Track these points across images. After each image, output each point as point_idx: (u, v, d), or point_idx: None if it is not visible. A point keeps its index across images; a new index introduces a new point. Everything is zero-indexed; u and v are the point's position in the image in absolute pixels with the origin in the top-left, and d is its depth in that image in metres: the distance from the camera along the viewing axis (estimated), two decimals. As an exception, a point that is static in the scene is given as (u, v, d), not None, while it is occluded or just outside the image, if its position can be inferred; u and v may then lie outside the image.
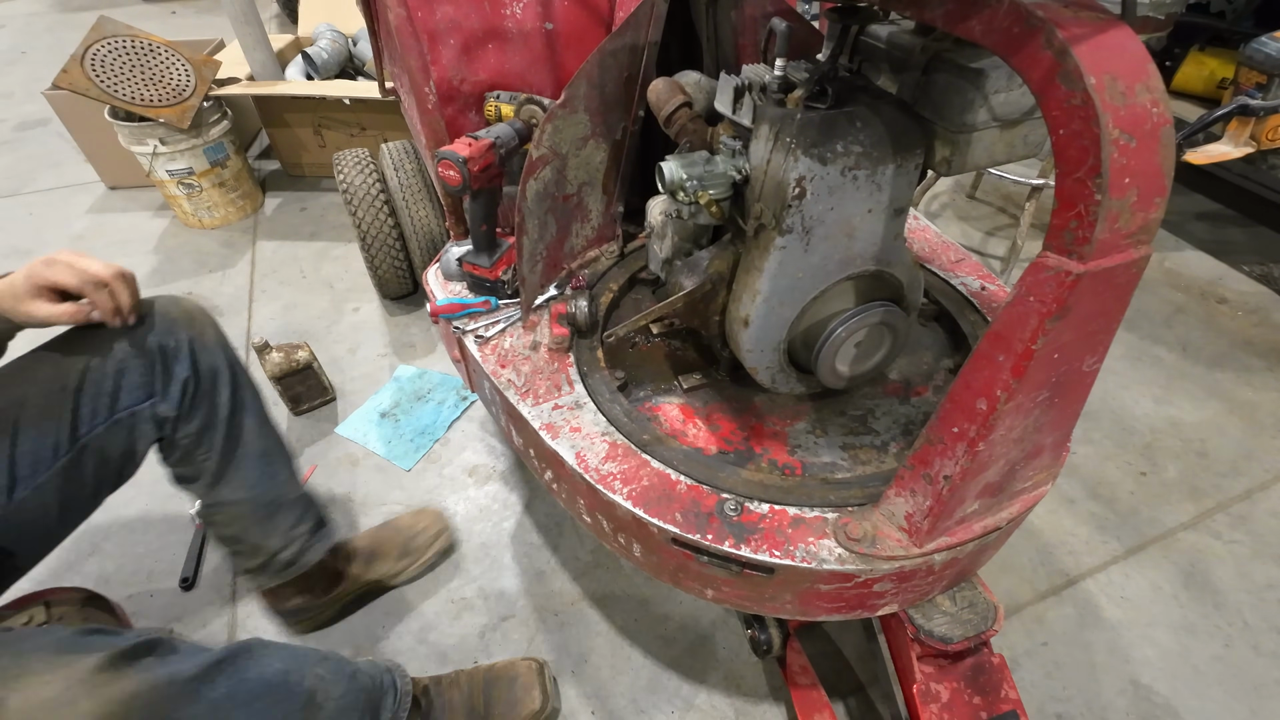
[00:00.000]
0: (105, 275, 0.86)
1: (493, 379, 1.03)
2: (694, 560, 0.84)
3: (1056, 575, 1.40)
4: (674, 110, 0.94)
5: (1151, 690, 1.23)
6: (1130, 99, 0.52)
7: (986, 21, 0.56)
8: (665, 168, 0.82)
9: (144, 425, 0.98)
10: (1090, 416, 1.73)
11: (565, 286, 1.19)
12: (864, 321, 0.85)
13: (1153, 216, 0.56)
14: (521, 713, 1.12)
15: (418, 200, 1.82)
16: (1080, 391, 0.71)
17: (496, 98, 1.29)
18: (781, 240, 0.79)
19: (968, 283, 1.18)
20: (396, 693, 1.03)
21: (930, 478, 0.73)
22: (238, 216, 2.54)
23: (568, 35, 1.33)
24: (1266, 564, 1.42)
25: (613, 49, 1.00)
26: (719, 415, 1.00)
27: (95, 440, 0.94)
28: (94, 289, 0.86)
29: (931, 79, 0.77)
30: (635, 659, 1.27)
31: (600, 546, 1.43)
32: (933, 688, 0.90)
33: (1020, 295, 0.60)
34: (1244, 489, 1.57)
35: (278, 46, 2.63)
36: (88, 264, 0.85)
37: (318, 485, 1.59)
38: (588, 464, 0.89)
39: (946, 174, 0.81)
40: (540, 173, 1.01)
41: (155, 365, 0.97)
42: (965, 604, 0.89)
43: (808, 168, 0.74)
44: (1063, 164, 0.54)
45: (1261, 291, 2.17)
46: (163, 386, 0.98)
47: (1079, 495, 1.55)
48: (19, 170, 2.96)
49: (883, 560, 0.78)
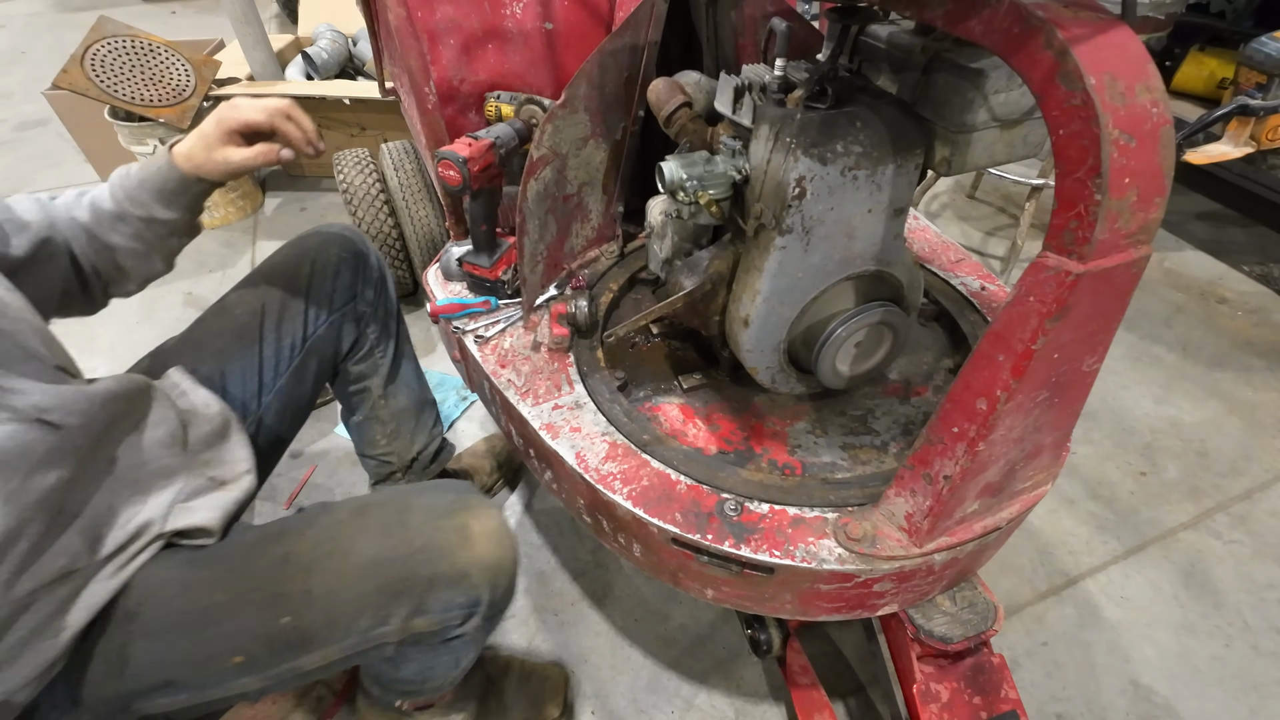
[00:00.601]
0: (285, 106, 0.87)
1: (492, 379, 1.03)
2: (694, 560, 0.84)
3: (1056, 575, 1.40)
4: (674, 110, 0.94)
5: (1151, 690, 1.23)
6: (1130, 99, 0.52)
7: (986, 21, 0.56)
8: (665, 168, 0.82)
9: (349, 323, 1.08)
10: (1090, 416, 1.73)
11: (565, 286, 1.19)
12: (864, 321, 0.85)
13: (1153, 216, 0.56)
14: (540, 716, 1.14)
15: (418, 200, 1.82)
16: (1080, 391, 0.71)
17: (496, 98, 1.29)
18: (781, 240, 0.79)
19: (968, 283, 1.18)
20: None
21: (930, 478, 0.73)
22: (237, 216, 2.54)
23: (568, 35, 1.33)
24: (1266, 564, 1.42)
25: (613, 49, 1.00)
26: (719, 415, 1.00)
27: (317, 341, 1.04)
28: (282, 120, 0.86)
29: (931, 79, 0.77)
30: (635, 659, 1.27)
31: (600, 546, 1.43)
32: (933, 688, 0.90)
33: (1020, 295, 0.60)
34: (1244, 489, 1.57)
35: (278, 46, 2.63)
36: (266, 100, 0.86)
37: (318, 485, 1.59)
38: (588, 464, 0.89)
39: (946, 174, 0.81)
40: (540, 173, 1.01)
41: (358, 266, 1.07)
42: (965, 604, 0.89)
43: (808, 168, 0.74)
44: (1063, 164, 0.54)
45: (1261, 291, 2.17)
46: (362, 286, 1.08)
47: (1079, 495, 1.55)
48: (19, 170, 2.96)
49: (883, 560, 0.78)
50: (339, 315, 1.06)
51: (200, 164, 0.84)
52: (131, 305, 2.19)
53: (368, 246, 1.10)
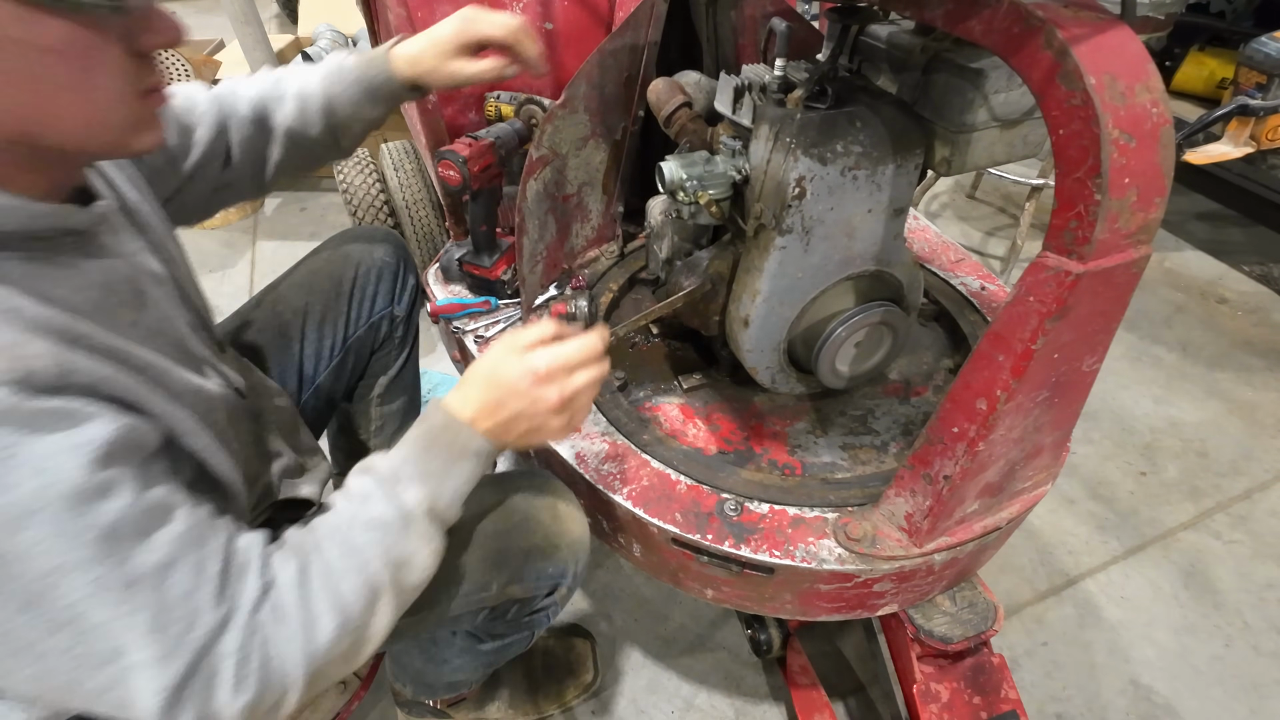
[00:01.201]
0: (523, 23, 0.87)
1: (493, 379, 1.03)
2: (694, 560, 0.84)
3: (1056, 575, 1.40)
4: (674, 110, 0.94)
5: (1151, 690, 1.23)
6: (1130, 99, 0.52)
7: (986, 21, 0.56)
8: (665, 168, 0.82)
9: (384, 325, 1.08)
10: (1090, 416, 1.73)
11: (565, 286, 1.19)
12: (864, 321, 0.85)
13: (1152, 216, 0.56)
14: (574, 684, 1.17)
15: (418, 200, 1.82)
16: (1080, 391, 0.71)
17: (496, 98, 1.29)
18: (781, 240, 0.79)
19: (968, 283, 1.18)
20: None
21: (930, 478, 0.73)
22: (237, 216, 2.54)
23: (568, 35, 1.33)
24: (1266, 564, 1.42)
25: (613, 49, 1.00)
26: (719, 415, 1.00)
27: (356, 341, 1.05)
28: (523, 35, 0.86)
29: (931, 79, 0.77)
30: (635, 659, 1.27)
31: (600, 546, 1.42)
32: (933, 688, 0.90)
33: (1020, 295, 0.60)
34: (1244, 489, 1.57)
35: (278, 46, 2.62)
36: (503, 15, 0.86)
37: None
38: (588, 464, 0.89)
39: (946, 174, 0.81)
40: (540, 173, 1.01)
41: (398, 271, 1.07)
42: (965, 604, 0.89)
43: (808, 168, 0.74)
44: (1063, 164, 0.54)
45: (1261, 291, 2.17)
46: (400, 291, 1.08)
47: (1079, 495, 1.55)
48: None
49: (883, 560, 0.78)
50: (379, 318, 1.08)
51: (427, 71, 0.85)
52: (131, 305, 2.19)
53: (408, 254, 1.12)
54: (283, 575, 0.53)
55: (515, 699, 1.15)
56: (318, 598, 0.53)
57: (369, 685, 1.17)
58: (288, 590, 0.53)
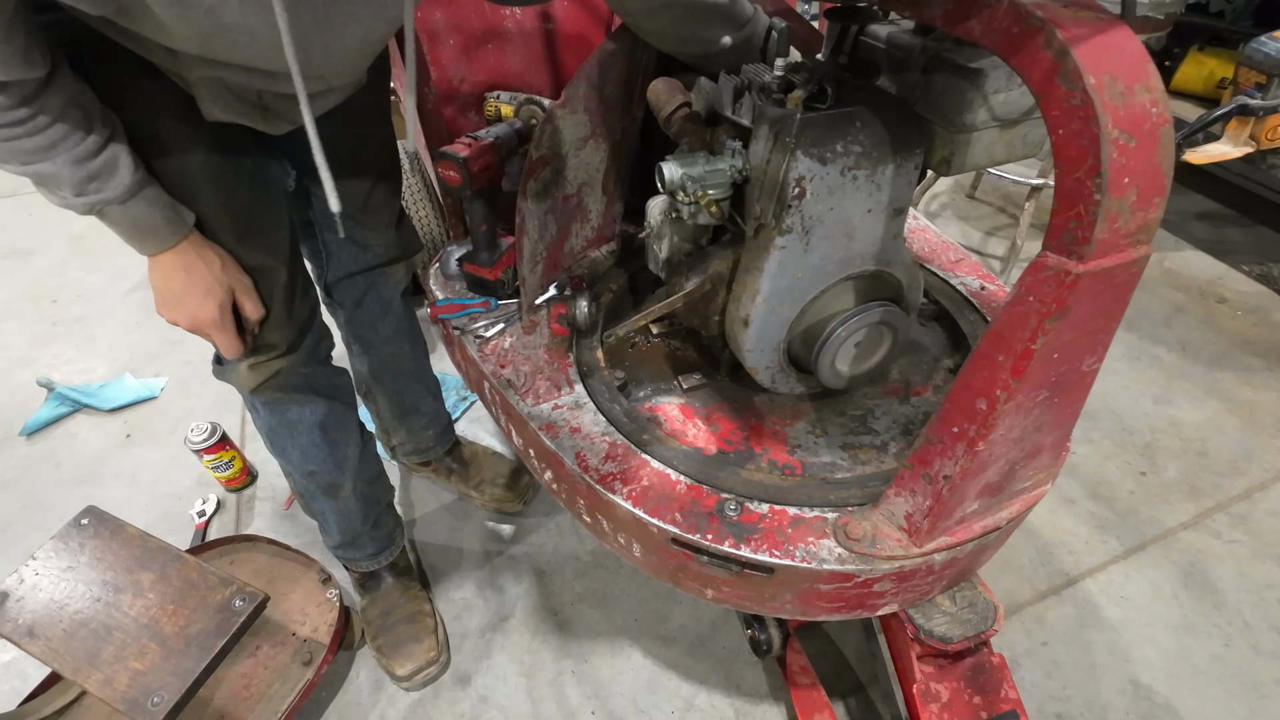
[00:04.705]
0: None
1: (492, 379, 1.03)
2: (694, 560, 0.84)
3: (1056, 575, 1.40)
4: (674, 110, 0.93)
5: (1151, 690, 1.23)
6: (1130, 99, 0.52)
7: (986, 21, 0.56)
8: (665, 168, 0.82)
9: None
10: (1090, 416, 1.73)
11: (565, 286, 1.19)
12: (864, 321, 0.85)
13: (1152, 216, 0.56)
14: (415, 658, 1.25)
15: (418, 200, 1.82)
16: (1080, 391, 0.71)
17: (496, 98, 1.29)
18: (781, 240, 0.79)
19: (967, 283, 1.18)
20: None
21: (930, 478, 0.73)
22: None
23: (568, 35, 1.33)
24: (1266, 564, 1.42)
25: (613, 49, 1.00)
26: (719, 415, 1.00)
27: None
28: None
29: (931, 79, 0.77)
30: (635, 659, 1.27)
31: (600, 546, 1.43)
32: (933, 687, 0.90)
33: (1020, 295, 0.60)
34: (1244, 489, 1.57)
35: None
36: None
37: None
38: (588, 464, 0.89)
39: (946, 174, 0.81)
40: (540, 173, 1.01)
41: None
42: (965, 604, 0.89)
43: (808, 168, 0.74)
44: (1062, 164, 0.54)
45: (1261, 291, 2.17)
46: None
47: (1079, 495, 1.55)
48: (7, 181, 2.96)
49: (883, 560, 0.78)
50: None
51: None
52: (131, 306, 2.19)
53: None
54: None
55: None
56: None
57: (333, 654, 1.19)
58: None
